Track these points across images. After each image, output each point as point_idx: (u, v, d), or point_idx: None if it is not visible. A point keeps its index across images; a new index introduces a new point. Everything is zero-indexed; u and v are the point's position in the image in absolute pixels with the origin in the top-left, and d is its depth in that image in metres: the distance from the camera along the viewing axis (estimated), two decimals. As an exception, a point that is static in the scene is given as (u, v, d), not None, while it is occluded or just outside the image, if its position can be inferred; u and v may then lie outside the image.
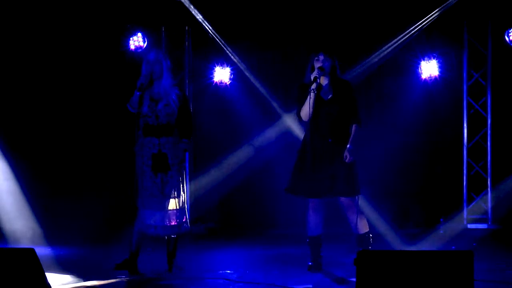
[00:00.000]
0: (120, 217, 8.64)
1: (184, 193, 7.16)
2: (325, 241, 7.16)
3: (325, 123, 6.95)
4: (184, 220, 7.14)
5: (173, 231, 7.10)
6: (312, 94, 6.84)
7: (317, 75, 6.86)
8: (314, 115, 6.89)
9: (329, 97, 6.97)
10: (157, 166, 7.02)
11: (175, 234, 7.13)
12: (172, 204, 7.06)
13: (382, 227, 9.38)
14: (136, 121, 7.10)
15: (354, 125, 6.97)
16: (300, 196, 7.03)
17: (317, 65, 6.94)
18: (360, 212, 6.99)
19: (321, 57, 6.95)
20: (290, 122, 9.97)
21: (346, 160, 6.87)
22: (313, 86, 6.85)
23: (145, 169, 7.05)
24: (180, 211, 7.10)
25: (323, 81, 7.01)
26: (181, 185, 7.13)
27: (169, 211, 7.05)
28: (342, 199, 6.96)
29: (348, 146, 6.90)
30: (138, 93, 6.97)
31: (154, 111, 7.02)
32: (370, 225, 7.25)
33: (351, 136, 6.94)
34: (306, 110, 6.88)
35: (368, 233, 7.07)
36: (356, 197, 6.94)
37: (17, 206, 9.56)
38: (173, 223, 7.07)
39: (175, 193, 7.06)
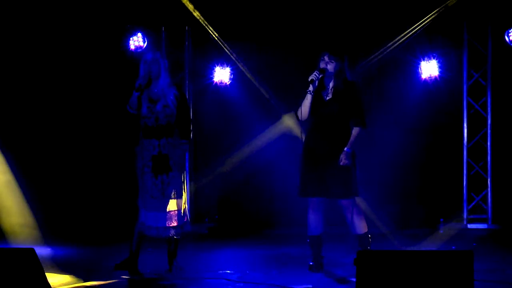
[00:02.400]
0: (120, 217, 8.63)
1: (185, 193, 7.17)
2: (325, 241, 7.15)
3: (324, 124, 6.91)
4: (185, 220, 7.15)
5: (175, 232, 7.10)
6: (308, 96, 6.84)
7: (314, 78, 6.81)
8: (313, 116, 6.89)
9: (328, 98, 6.94)
10: (157, 168, 7.01)
11: (177, 235, 7.13)
12: (173, 205, 7.06)
13: (383, 227, 9.38)
14: (137, 122, 7.12)
15: (356, 128, 6.89)
16: (307, 197, 6.98)
17: (321, 65, 6.89)
18: (357, 213, 6.95)
19: (326, 58, 6.89)
20: (290, 122, 9.97)
21: (341, 163, 6.82)
22: (310, 88, 6.83)
23: (145, 170, 7.04)
24: (181, 212, 7.10)
25: (331, 82, 6.94)
26: (182, 186, 7.13)
27: (171, 212, 7.05)
28: (340, 200, 6.95)
29: (345, 148, 6.84)
30: (136, 93, 6.97)
31: (154, 112, 7.01)
32: (370, 225, 7.23)
33: (350, 138, 6.86)
34: (301, 111, 6.88)
35: (367, 233, 7.03)
36: (353, 198, 6.91)
37: (17, 205, 9.56)
38: (174, 224, 7.07)
39: (176, 193, 7.06)
